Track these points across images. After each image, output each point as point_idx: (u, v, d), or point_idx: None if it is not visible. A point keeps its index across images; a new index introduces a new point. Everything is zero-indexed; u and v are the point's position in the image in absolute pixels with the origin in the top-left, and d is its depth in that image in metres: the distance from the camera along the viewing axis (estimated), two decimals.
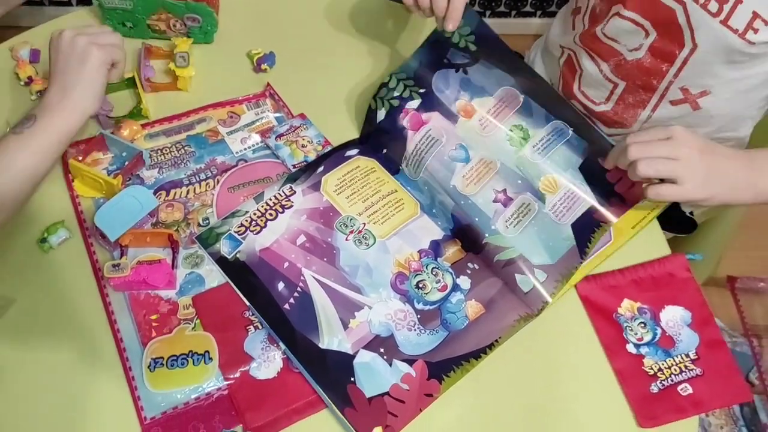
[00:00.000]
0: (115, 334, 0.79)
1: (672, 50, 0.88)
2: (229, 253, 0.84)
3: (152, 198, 0.84)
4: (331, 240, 0.85)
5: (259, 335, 0.79)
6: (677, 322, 0.84)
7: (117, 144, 0.89)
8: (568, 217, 0.85)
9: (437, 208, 0.88)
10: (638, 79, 0.95)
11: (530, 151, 0.89)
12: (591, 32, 0.96)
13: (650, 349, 0.82)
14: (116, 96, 0.96)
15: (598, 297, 0.85)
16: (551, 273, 0.83)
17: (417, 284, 0.82)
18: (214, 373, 0.76)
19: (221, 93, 0.98)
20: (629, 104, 0.98)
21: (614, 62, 0.96)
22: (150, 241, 0.84)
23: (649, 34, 0.89)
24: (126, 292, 0.81)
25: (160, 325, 0.79)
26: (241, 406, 0.75)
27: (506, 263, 0.83)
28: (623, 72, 0.96)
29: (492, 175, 0.88)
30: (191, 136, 0.94)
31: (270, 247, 0.84)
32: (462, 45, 0.92)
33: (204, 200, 0.89)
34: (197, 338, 0.79)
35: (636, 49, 0.92)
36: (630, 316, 0.84)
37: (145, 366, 0.76)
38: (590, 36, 0.97)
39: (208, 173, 0.91)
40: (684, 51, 0.87)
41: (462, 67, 0.92)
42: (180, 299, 0.81)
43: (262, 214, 0.86)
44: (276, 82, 1.00)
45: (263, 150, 0.94)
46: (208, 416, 0.74)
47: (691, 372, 0.81)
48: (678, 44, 0.87)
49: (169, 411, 0.74)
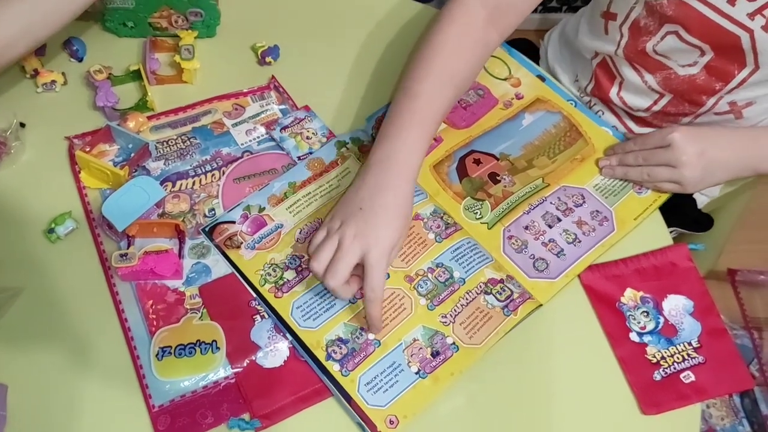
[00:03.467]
0: (123, 324, 0.79)
1: (730, 70, 0.89)
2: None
3: (159, 188, 0.84)
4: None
5: (265, 324, 0.80)
6: (679, 311, 0.84)
7: (123, 136, 0.90)
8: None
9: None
10: (687, 95, 0.95)
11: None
12: (638, 48, 0.95)
13: (653, 337, 0.83)
14: (122, 89, 0.97)
15: (602, 286, 0.86)
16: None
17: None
18: (222, 361, 0.77)
19: (226, 86, 0.99)
20: (670, 114, 0.99)
21: (662, 75, 0.96)
22: (157, 231, 0.84)
23: (705, 53, 0.89)
24: (133, 282, 0.82)
25: (167, 314, 0.80)
26: (249, 394, 0.76)
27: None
28: (671, 86, 0.96)
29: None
30: (197, 128, 0.95)
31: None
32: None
33: (210, 191, 0.89)
34: (204, 327, 0.79)
35: (690, 65, 0.92)
36: (633, 305, 0.84)
37: (153, 355, 0.77)
38: (637, 51, 0.96)
39: (213, 164, 0.91)
40: (743, 72, 0.88)
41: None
42: (187, 289, 0.82)
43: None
44: (280, 74, 1.01)
45: (268, 142, 0.94)
46: (216, 404, 0.75)
47: (694, 360, 0.81)
48: (738, 65, 0.88)
49: (177, 399, 0.75)
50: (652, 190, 0.92)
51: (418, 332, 0.79)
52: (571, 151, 0.96)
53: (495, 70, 1.04)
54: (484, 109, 0.99)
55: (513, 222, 0.89)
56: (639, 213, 0.91)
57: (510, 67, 1.04)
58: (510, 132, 0.97)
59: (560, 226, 0.88)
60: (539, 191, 0.91)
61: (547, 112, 1.00)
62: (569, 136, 0.97)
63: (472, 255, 0.85)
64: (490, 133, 0.97)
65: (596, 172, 0.94)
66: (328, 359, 0.77)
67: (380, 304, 0.75)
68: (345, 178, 0.90)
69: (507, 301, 0.82)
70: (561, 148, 0.96)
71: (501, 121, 0.98)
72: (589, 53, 1.07)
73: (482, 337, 0.79)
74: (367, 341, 0.78)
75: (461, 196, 0.91)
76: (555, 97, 1.01)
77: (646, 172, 0.89)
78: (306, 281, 0.82)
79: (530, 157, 0.95)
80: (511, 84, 1.02)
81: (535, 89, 1.02)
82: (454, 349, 0.78)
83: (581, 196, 0.92)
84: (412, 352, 0.78)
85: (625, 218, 0.90)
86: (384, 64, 1.04)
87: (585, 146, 0.97)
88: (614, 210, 0.91)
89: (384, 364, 0.77)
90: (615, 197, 0.92)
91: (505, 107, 1.00)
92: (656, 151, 0.87)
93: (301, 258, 0.84)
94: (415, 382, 0.76)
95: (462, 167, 0.93)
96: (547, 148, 0.96)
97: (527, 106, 1.00)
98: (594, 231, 0.88)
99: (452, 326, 0.80)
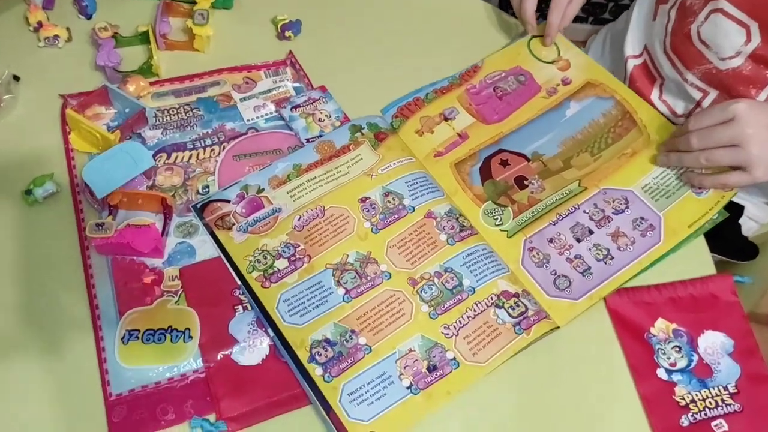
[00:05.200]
0: (92, 300, 0.72)
1: None
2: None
3: (148, 156, 0.77)
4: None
5: (246, 317, 0.72)
6: (717, 349, 0.74)
7: (121, 99, 0.83)
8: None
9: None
10: (734, 89, 0.85)
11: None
12: (683, 30, 0.86)
13: (684, 376, 0.72)
14: (128, 51, 0.90)
15: (630, 313, 0.76)
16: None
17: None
18: (193, 352, 0.69)
19: (240, 58, 0.92)
20: None
21: (701, 71, 0.86)
22: (142, 203, 0.77)
23: (751, 39, 0.80)
24: (109, 257, 0.74)
25: (141, 294, 0.72)
26: (218, 392, 0.67)
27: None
28: (715, 81, 0.86)
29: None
30: (202, 99, 0.87)
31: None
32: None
33: (207, 167, 0.82)
34: (179, 313, 0.71)
35: (731, 57, 0.82)
36: (664, 338, 0.74)
37: (118, 337, 0.69)
38: (682, 36, 0.87)
39: (214, 139, 0.84)
40: None
41: None
42: (166, 269, 0.74)
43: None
44: (299, 51, 0.93)
45: (277, 120, 0.87)
46: (180, 400, 0.67)
47: (729, 407, 0.71)
48: None
49: (137, 389, 0.67)
50: (713, 190, 0.80)
51: (416, 342, 0.70)
52: (620, 145, 0.85)
53: (542, 53, 0.94)
54: (522, 99, 0.90)
55: (536, 233, 0.79)
56: (696, 219, 0.79)
57: (560, 47, 0.95)
58: (549, 125, 0.88)
59: (591, 239, 0.78)
60: (572, 198, 0.81)
61: (596, 99, 0.89)
62: (620, 126, 0.87)
63: (486, 263, 0.76)
64: (524, 128, 0.87)
65: (647, 169, 0.83)
66: (310, 361, 0.68)
67: None
68: (356, 165, 0.82)
69: (520, 317, 0.72)
70: (608, 142, 0.86)
71: (541, 112, 0.89)
72: (635, 50, 0.97)
73: (487, 355, 0.70)
74: (357, 346, 0.69)
75: (482, 199, 0.81)
76: (609, 79, 0.91)
77: (704, 156, 0.76)
78: (298, 273, 0.73)
79: (568, 156, 0.85)
80: (559, 67, 0.93)
81: (586, 71, 0.92)
82: (454, 366, 0.69)
83: (624, 200, 0.81)
84: (406, 363, 0.69)
85: (676, 226, 0.79)
86: (411, 53, 0.96)
87: (638, 138, 0.86)
88: (664, 215, 0.80)
89: (373, 373, 0.68)
90: (667, 199, 0.81)
91: (548, 95, 0.90)
92: (715, 129, 0.74)
93: (296, 247, 0.75)
94: (404, 398, 0.67)
95: (486, 168, 0.84)
96: (592, 143, 0.86)
97: (575, 92, 0.90)
98: (633, 244, 0.78)
99: (455, 339, 0.70)
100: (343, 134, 0.85)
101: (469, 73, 0.92)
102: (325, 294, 0.72)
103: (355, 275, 0.74)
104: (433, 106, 0.89)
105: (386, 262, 0.75)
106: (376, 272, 0.74)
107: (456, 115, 0.88)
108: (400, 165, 0.82)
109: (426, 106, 0.89)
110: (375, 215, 0.78)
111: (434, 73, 0.92)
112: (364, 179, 0.81)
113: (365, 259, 0.75)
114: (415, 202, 0.79)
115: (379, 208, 0.78)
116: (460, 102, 0.89)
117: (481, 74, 0.92)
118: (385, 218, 0.78)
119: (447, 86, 0.91)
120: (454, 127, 0.87)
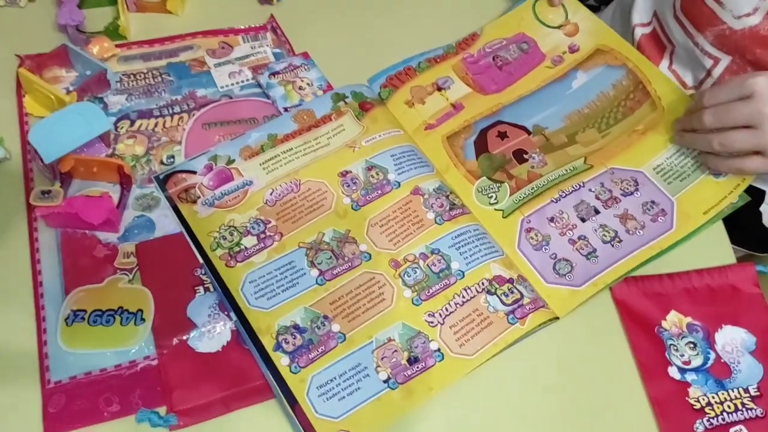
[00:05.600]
0: (35, 276, 0.64)
1: None
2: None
3: (104, 119, 0.69)
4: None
5: (207, 299, 0.64)
6: (737, 347, 0.66)
7: (82, 60, 0.75)
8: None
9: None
10: (749, 52, 0.76)
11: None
12: None
13: (699, 376, 0.64)
14: (95, 12, 0.83)
15: (639, 304, 0.67)
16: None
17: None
18: (145, 337, 0.61)
19: (217, 22, 0.84)
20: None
21: (713, 33, 0.77)
22: (98, 171, 0.69)
23: None
24: (59, 230, 0.67)
25: (91, 272, 0.64)
26: (171, 381, 0.59)
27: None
28: (729, 44, 0.77)
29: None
30: (172, 64, 0.80)
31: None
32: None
33: (173, 136, 0.74)
34: (132, 293, 0.64)
35: (747, 14, 0.74)
36: (677, 333, 0.66)
37: (62, 318, 0.62)
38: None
39: (184, 106, 0.76)
40: None
41: None
42: (122, 245, 0.66)
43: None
44: (282, 16, 0.85)
45: (254, 88, 0.79)
46: (127, 389, 0.59)
47: (750, 412, 0.62)
48: None
49: (80, 376, 0.59)
50: (727, 174, 0.72)
51: (396, 330, 0.62)
52: (631, 120, 0.77)
53: (548, 17, 0.86)
54: (525, 69, 0.82)
55: (536, 211, 0.71)
56: (712, 204, 0.71)
57: (567, 9, 0.86)
58: (553, 97, 0.79)
59: (597, 219, 0.70)
60: (577, 175, 0.73)
61: (607, 67, 0.81)
62: (632, 99, 0.78)
63: (478, 244, 0.67)
64: (525, 100, 0.79)
65: (660, 148, 0.75)
66: (276, 349, 0.60)
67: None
68: (337, 137, 0.74)
69: (514, 305, 0.64)
70: (618, 117, 0.78)
71: (544, 83, 0.81)
72: (642, 18, 0.89)
73: (476, 346, 0.62)
74: (329, 333, 0.61)
75: (475, 175, 0.74)
76: (621, 44, 0.82)
77: (718, 140, 0.68)
78: (267, 252, 0.66)
79: (573, 131, 0.77)
80: (566, 33, 0.84)
81: (595, 36, 0.83)
82: (438, 358, 0.61)
83: (634, 182, 0.73)
84: (384, 354, 0.61)
85: (690, 212, 0.71)
86: (404, 19, 0.89)
87: (651, 112, 0.77)
88: (677, 200, 0.72)
89: (346, 364, 0.60)
90: (682, 182, 0.73)
91: (553, 65, 0.82)
92: (732, 106, 0.66)
93: (266, 223, 0.67)
94: (380, 393, 0.59)
95: (482, 141, 0.76)
96: (599, 118, 0.78)
97: (582, 61, 0.82)
98: (643, 229, 0.70)
99: (440, 328, 0.62)
100: (324, 103, 0.77)
101: (467, 42, 0.84)
102: (297, 275, 0.64)
103: (331, 255, 0.66)
104: (426, 76, 0.81)
105: (366, 241, 0.67)
106: (355, 253, 0.66)
107: (450, 85, 0.80)
108: (387, 137, 0.75)
109: (418, 75, 0.81)
110: (356, 191, 0.70)
111: (428, 41, 0.84)
112: (346, 151, 0.73)
113: (343, 238, 0.67)
114: (401, 177, 0.71)
115: (361, 182, 0.71)
116: (455, 71, 0.81)
117: (479, 43, 0.84)
118: (367, 194, 0.70)
119: (442, 55, 0.83)
120: (447, 97, 0.79)
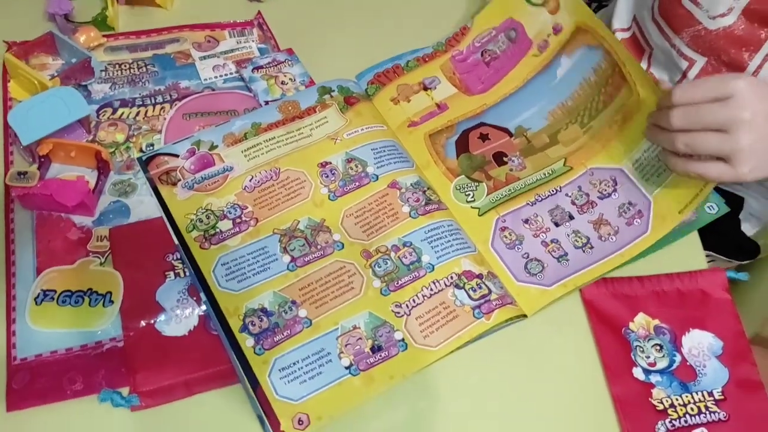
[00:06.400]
0: (8, 256, 0.65)
1: None
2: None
3: (83, 104, 0.70)
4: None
5: (177, 284, 0.64)
6: (703, 350, 0.66)
7: (68, 48, 0.77)
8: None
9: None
10: (724, 53, 0.75)
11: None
12: None
13: (663, 378, 0.64)
14: (84, 2, 0.84)
15: (607, 305, 0.68)
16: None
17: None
18: (112, 318, 0.62)
19: (205, 17, 0.85)
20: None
21: (689, 34, 0.77)
22: (76, 156, 0.70)
23: None
24: (35, 212, 0.67)
25: (63, 254, 0.65)
26: (135, 363, 0.60)
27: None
28: (705, 45, 0.76)
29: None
30: (158, 56, 0.81)
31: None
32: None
33: (153, 125, 0.75)
34: (102, 275, 0.64)
35: (722, 15, 0.73)
36: (643, 335, 0.66)
37: (31, 297, 0.62)
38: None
39: (166, 96, 0.77)
40: None
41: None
42: (96, 229, 0.67)
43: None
44: (269, 13, 0.86)
45: (237, 81, 0.80)
46: (92, 369, 0.59)
47: (713, 415, 0.62)
48: None
49: (45, 355, 0.60)
50: (687, 176, 0.65)
51: (362, 319, 0.62)
52: (611, 109, 0.75)
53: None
54: (512, 61, 0.81)
55: (511, 212, 0.71)
56: (687, 201, 0.70)
57: None
58: (538, 93, 0.79)
59: (570, 225, 0.71)
60: (555, 179, 0.74)
61: (587, 49, 0.78)
62: (611, 85, 0.76)
63: (451, 239, 0.68)
64: (510, 99, 0.79)
65: (638, 140, 0.73)
66: (242, 331, 0.61)
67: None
68: (320, 128, 0.74)
69: (481, 300, 0.64)
70: (599, 107, 0.76)
71: (531, 75, 0.80)
72: (622, 23, 0.89)
73: (440, 338, 0.62)
74: (296, 318, 0.62)
75: (455, 173, 0.74)
76: (597, 23, 0.78)
77: (683, 140, 0.62)
78: (242, 236, 0.66)
79: (556, 129, 0.77)
80: (550, 10, 0.81)
81: (574, 13, 0.79)
82: (401, 348, 0.61)
83: (613, 182, 0.73)
84: (348, 341, 0.61)
85: (666, 212, 0.70)
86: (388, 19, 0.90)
87: (629, 98, 0.74)
88: (654, 198, 0.71)
89: (309, 348, 0.60)
90: (658, 177, 0.71)
91: (539, 51, 0.81)
92: (705, 107, 0.60)
93: (243, 208, 0.68)
94: (341, 378, 0.59)
95: (463, 141, 0.77)
96: (582, 110, 0.77)
97: (565, 44, 0.80)
98: (616, 234, 0.70)
99: (405, 319, 0.63)
100: (310, 95, 0.78)
101: (456, 37, 0.84)
102: (269, 260, 0.65)
103: (304, 243, 0.66)
104: (414, 75, 0.81)
105: (340, 231, 0.67)
106: (328, 241, 0.67)
107: (437, 85, 0.81)
108: (369, 131, 0.75)
109: (406, 74, 0.81)
110: (334, 181, 0.71)
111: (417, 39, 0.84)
112: (327, 143, 0.74)
113: (317, 226, 0.67)
114: (379, 170, 0.72)
115: (339, 174, 0.71)
116: (443, 71, 0.82)
117: (469, 37, 0.83)
118: (344, 185, 0.70)
119: (431, 54, 0.83)
120: (433, 96, 0.80)
